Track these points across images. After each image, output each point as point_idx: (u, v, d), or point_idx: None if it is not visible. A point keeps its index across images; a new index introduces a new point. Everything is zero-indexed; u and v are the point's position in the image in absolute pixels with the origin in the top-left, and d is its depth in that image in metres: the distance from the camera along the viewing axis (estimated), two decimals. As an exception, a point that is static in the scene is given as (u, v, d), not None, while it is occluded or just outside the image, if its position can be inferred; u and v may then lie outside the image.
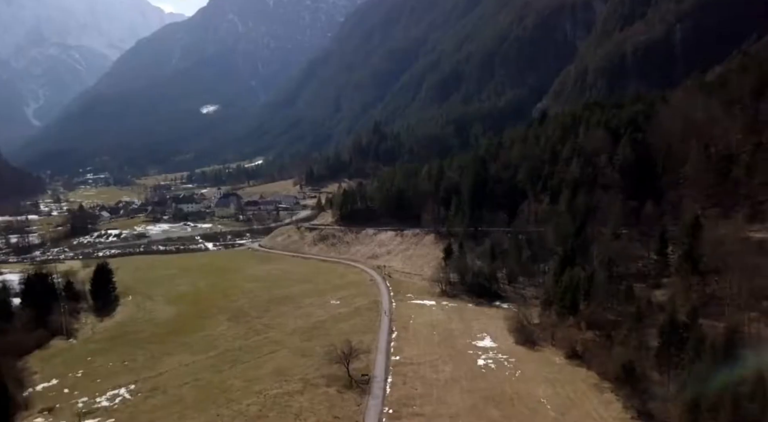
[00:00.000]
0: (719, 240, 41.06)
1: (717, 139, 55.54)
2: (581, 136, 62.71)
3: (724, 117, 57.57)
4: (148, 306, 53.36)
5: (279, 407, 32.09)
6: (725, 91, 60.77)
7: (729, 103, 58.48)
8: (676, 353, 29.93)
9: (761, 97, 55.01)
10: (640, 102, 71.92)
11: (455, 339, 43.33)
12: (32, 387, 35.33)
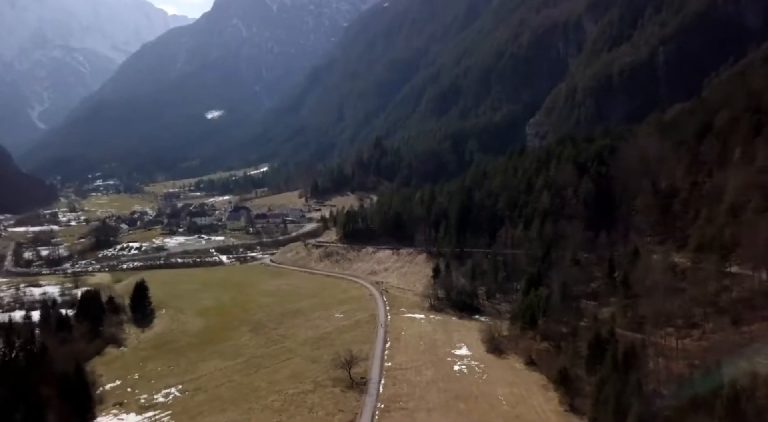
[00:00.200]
0: (650, 267, 50.45)
1: (664, 176, 64.88)
2: (552, 170, 72.17)
3: (672, 156, 66.89)
4: (181, 319, 62.91)
5: (296, 403, 41.58)
6: (676, 132, 70.06)
7: (677, 144, 67.76)
8: (599, 361, 39.30)
9: (702, 139, 64.28)
10: (608, 136, 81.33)
11: (438, 348, 52.82)
12: (102, 387, 44.82)
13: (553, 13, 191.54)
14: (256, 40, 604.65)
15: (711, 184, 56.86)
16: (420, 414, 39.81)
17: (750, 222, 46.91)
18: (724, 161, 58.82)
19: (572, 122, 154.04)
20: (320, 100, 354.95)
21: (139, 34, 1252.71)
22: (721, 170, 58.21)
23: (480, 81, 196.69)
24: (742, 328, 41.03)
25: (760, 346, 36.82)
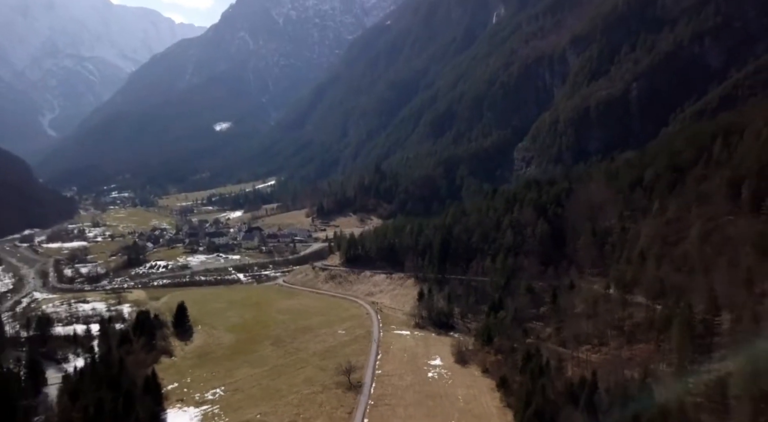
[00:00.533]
0: (578, 296, 65.69)
1: (604, 219, 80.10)
2: (516, 211, 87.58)
3: (611, 202, 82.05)
4: (215, 334, 78.36)
5: (309, 400, 56.86)
6: (617, 181, 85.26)
7: (616, 192, 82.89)
8: (526, 370, 54.49)
9: (634, 190, 79.45)
10: (567, 179, 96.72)
11: (417, 359, 68.11)
12: (165, 388, 60.19)
13: (540, 45, 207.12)
14: (262, 53, 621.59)
15: (633, 230, 72.16)
16: (399, 409, 55.09)
17: (649, 265, 62.25)
18: (647, 211, 74.10)
19: (555, 149, 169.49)
20: (325, 116, 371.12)
21: (147, 43, 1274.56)
22: (643, 218, 73.54)
23: (473, 107, 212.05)
24: (634, 346, 56.25)
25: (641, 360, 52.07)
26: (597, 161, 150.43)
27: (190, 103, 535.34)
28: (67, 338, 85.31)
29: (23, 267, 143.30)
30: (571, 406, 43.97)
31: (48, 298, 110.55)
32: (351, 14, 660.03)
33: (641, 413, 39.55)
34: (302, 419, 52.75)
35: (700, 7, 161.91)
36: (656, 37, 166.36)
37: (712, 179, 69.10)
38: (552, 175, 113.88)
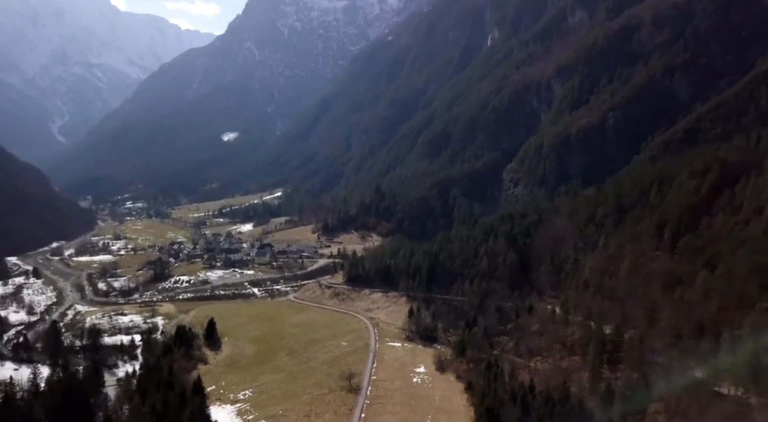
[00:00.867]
0: (535, 316, 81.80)
1: (562, 250, 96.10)
2: (491, 242, 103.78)
3: (570, 235, 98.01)
4: (239, 345, 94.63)
5: (319, 399, 72.99)
6: (576, 216, 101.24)
7: (575, 226, 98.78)
8: (487, 376, 70.50)
9: (588, 225, 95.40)
10: (538, 212, 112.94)
11: (405, 367, 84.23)
12: (205, 389, 76.42)
13: (529, 72, 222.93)
14: (268, 63, 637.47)
15: (583, 262, 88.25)
16: (388, 406, 71.29)
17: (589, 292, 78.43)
18: (595, 245, 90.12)
19: (539, 172, 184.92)
20: (329, 129, 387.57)
21: (153, 49, 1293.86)
22: (592, 251, 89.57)
23: (467, 128, 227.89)
24: (571, 358, 72.26)
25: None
26: (577, 183, 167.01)
27: (198, 113, 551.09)
28: (114, 347, 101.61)
29: (59, 281, 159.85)
30: (511, 404, 60.03)
31: (89, 311, 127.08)
32: (354, 25, 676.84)
33: (559, 409, 55.62)
34: (314, 414, 69.00)
35: (671, 44, 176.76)
36: (631, 70, 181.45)
37: (645, 221, 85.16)
38: (524, 210, 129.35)
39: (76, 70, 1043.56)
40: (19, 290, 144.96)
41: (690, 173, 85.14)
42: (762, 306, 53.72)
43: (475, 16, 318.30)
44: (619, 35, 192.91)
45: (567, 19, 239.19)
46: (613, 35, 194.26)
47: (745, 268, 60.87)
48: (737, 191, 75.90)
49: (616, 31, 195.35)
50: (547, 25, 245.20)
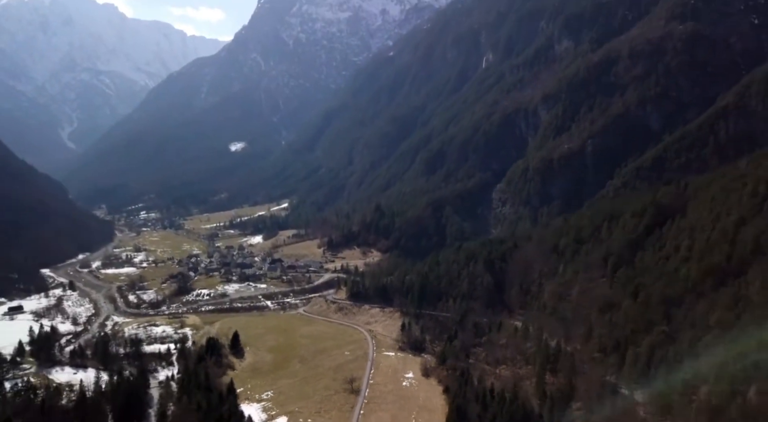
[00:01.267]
0: (502, 331, 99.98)
1: (531, 275, 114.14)
2: (471, 266, 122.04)
3: (538, 261, 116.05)
4: (259, 354, 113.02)
5: (327, 399, 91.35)
6: (544, 244, 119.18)
7: (542, 253, 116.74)
8: (460, 382, 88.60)
9: (551, 254, 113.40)
10: (513, 238, 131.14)
11: (397, 373, 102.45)
12: (236, 391, 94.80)
13: (518, 97, 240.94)
14: (273, 74, 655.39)
15: (545, 286, 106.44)
16: (382, 405, 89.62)
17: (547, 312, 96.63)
18: (556, 272, 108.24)
19: (525, 193, 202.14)
20: (333, 142, 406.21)
21: (160, 55, 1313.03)
22: (553, 277, 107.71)
23: (460, 149, 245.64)
24: (527, 367, 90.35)
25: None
26: (558, 204, 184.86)
27: (206, 123, 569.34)
28: (153, 355, 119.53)
29: (92, 292, 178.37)
30: (475, 403, 78.20)
31: (125, 322, 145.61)
32: (357, 36, 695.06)
33: (508, 407, 73.78)
34: (323, 411, 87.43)
35: (645, 77, 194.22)
36: (609, 101, 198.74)
37: (595, 252, 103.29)
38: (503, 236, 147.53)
39: (85, 76, 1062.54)
40: (60, 302, 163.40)
41: (632, 213, 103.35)
42: (659, 328, 71.81)
43: (472, 38, 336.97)
44: (599, 67, 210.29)
45: (554, 47, 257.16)
46: (594, 67, 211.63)
47: (657, 297, 79.00)
48: (664, 231, 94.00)
49: (596, 62, 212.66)
50: (537, 52, 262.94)
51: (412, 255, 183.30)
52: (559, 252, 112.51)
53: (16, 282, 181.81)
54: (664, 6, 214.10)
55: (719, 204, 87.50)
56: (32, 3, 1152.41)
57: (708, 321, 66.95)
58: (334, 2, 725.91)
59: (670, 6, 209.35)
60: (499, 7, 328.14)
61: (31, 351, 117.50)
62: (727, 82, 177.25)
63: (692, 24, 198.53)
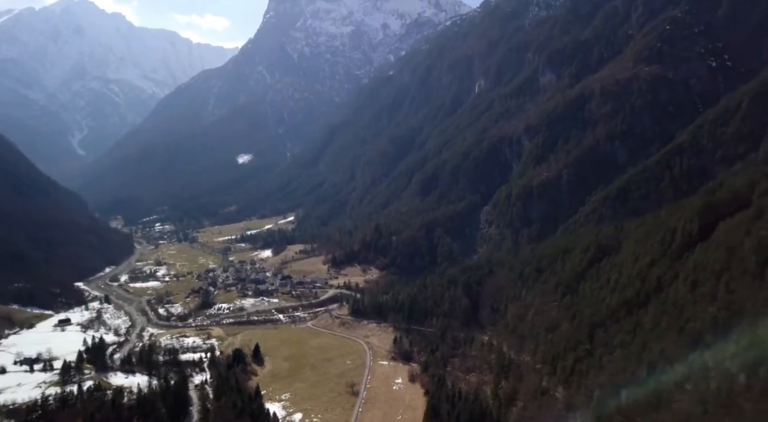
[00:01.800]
0: (474, 344, 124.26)
1: (500, 297, 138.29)
2: (452, 289, 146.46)
3: (507, 285, 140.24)
4: (276, 363, 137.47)
5: (332, 400, 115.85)
6: (513, 272, 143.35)
7: (511, 280, 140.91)
8: (436, 386, 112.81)
9: (517, 280, 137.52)
10: (489, 264, 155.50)
11: (389, 378, 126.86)
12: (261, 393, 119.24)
13: (504, 126, 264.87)
14: (278, 87, 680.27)
15: (510, 308, 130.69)
16: (376, 404, 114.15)
17: (509, 329, 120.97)
18: (519, 296, 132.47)
19: (508, 216, 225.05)
20: (336, 157, 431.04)
21: (167, 63, 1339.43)
22: (517, 301, 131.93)
23: (452, 173, 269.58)
24: (490, 374, 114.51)
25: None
26: (536, 228, 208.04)
27: (214, 135, 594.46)
28: (187, 362, 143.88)
29: (125, 305, 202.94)
30: (446, 403, 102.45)
31: (159, 333, 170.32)
32: (359, 50, 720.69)
33: (470, 406, 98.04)
34: (330, 408, 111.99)
35: (613, 114, 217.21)
36: (583, 134, 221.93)
37: (550, 281, 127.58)
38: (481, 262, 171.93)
39: (95, 85, 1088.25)
40: (100, 315, 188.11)
41: (580, 249, 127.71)
42: (583, 346, 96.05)
43: (466, 64, 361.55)
44: (575, 103, 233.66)
45: (539, 79, 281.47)
46: (571, 102, 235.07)
47: (586, 321, 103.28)
48: (602, 266, 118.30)
49: (573, 98, 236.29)
50: (523, 82, 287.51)
51: (407, 273, 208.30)
52: (523, 278, 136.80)
53: (58, 296, 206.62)
54: (633, 49, 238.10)
55: (640, 246, 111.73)
56: (43, 13, 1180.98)
57: (614, 342, 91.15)
58: (337, 16, 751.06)
59: (638, 49, 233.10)
60: (491, 36, 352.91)
61: (87, 358, 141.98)
62: (684, 121, 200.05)
63: (657, 67, 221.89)
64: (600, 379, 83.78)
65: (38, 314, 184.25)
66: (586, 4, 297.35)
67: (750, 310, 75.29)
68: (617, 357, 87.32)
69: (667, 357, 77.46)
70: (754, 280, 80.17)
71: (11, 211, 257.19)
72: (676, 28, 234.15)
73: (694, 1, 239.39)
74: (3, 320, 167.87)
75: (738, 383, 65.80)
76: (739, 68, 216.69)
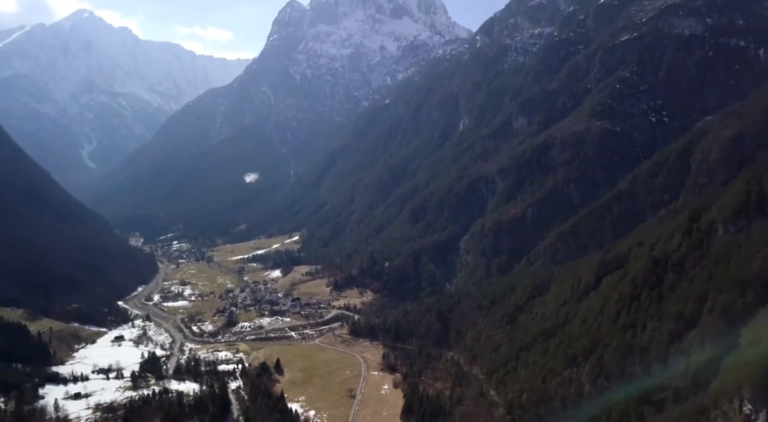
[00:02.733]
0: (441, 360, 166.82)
1: (465, 323, 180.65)
2: (428, 315, 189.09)
3: (470, 313, 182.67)
4: (293, 373, 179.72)
5: (336, 401, 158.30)
6: (474, 302, 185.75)
7: (473, 308, 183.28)
8: (412, 391, 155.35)
9: (477, 309, 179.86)
10: (457, 294, 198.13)
11: (378, 385, 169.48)
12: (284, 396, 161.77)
13: (482, 166, 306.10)
14: (281, 108, 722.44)
15: (470, 332, 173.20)
16: (368, 404, 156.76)
17: (467, 349, 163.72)
18: (476, 323, 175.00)
19: (482, 246, 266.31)
20: (337, 181, 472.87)
21: (171, 75, 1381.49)
22: (475, 326, 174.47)
23: (437, 205, 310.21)
24: (450, 382, 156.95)
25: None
26: (505, 257, 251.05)
27: (222, 155, 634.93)
28: (223, 372, 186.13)
29: (163, 323, 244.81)
30: (417, 403, 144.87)
31: (196, 348, 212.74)
32: (358, 72, 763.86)
33: (432, 406, 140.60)
34: (334, 407, 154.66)
35: (570, 161, 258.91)
36: (545, 178, 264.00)
37: (498, 312, 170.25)
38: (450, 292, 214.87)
39: (103, 98, 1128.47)
40: (145, 332, 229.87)
41: (521, 287, 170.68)
42: (511, 364, 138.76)
43: (453, 102, 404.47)
44: (539, 149, 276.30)
45: (512, 123, 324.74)
46: (536, 149, 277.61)
47: (517, 345, 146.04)
48: (534, 302, 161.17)
49: (538, 145, 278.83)
50: (500, 125, 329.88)
51: (397, 296, 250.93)
52: (480, 308, 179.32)
53: (107, 315, 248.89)
54: (589, 103, 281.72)
55: (560, 289, 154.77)
56: (53, 29, 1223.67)
57: (529, 361, 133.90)
58: (337, 39, 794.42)
59: (592, 105, 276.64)
60: (475, 77, 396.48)
61: (147, 368, 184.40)
62: (627, 169, 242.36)
63: (607, 121, 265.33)
64: (515, 387, 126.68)
65: (96, 331, 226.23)
66: (554, 57, 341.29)
67: (605, 342, 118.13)
68: (527, 373, 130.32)
69: (554, 373, 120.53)
70: (613, 322, 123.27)
71: (59, 239, 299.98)
72: (624, 86, 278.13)
73: (640, 64, 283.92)
74: (72, 337, 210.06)
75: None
76: (674, 124, 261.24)
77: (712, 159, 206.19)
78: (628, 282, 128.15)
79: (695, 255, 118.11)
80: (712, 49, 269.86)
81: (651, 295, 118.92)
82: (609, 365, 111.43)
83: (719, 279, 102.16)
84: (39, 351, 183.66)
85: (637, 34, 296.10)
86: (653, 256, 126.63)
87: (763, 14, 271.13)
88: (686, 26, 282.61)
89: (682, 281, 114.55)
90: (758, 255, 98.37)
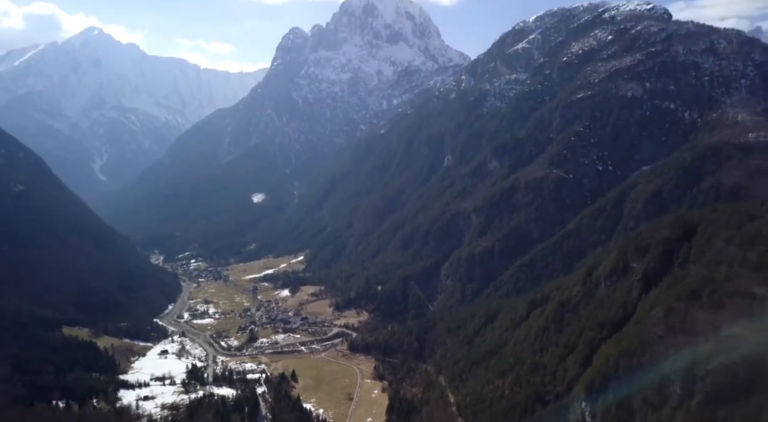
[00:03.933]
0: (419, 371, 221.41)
1: (441, 340, 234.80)
2: (409, 335, 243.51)
3: (445, 334, 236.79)
4: (306, 381, 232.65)
5: (339, 402, 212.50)
6: (444, 325, 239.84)
7: (443, 331, 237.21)
8: (395, 395, 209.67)
9: (447, 332, 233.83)
10: (434, 316, 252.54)
11: (371, 390, 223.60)
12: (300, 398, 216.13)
13: (461, 204, 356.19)
14: (285, 130, 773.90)
15: (441, 350, 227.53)
16: (363, 404, 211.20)
17: (440, 362, 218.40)
18: (445, 343, 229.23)
19: (459, 274, 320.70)
20: (337, 205, 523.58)
21: (177, 89, 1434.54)
22: (446, 344, 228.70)
23: (424, 235, 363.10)
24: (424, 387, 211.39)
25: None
26: (477, 284, 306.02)
27: (231, 176, 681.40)
28: (250, 380, 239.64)
29: (195, 338, 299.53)
30: (398, 403, 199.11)
31: (226, 360, 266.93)
32: (356, 96, 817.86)
33: (409, 407, 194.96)
34: (337, 406, 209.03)
35: (531, 204, 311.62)
36: (510, 217, 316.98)
37: (460, 335, 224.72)
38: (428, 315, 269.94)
39: (113, 114, 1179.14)
40: (183, 346, 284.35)
41: (478, 316, 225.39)
42: (465, 374, 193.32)
43: (439, 139, 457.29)
44: (506, 193, 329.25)
45: (487, 165, 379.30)
46: (504, 192, 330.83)
47: (468, 360, 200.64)
48: (487, 329, 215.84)
49: (506, 189, 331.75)
50: (477, 166, 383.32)
51: (388, 316, 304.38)
52: (449, 330, 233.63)
53: (150, 331, 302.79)
54: (549, 153, 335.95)
55: (505, 318, 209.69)
56: (65, 47, 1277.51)
57: (476, 373, 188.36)
58: (337, 64, 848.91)
59: (550, 155, 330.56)
60: (459, 118, 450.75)
61: (191, 376, 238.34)
62: (576, 211, 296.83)
63: (562, 170, 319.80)
64: (464, 392, 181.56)
65: (144, 346, 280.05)
66: (525, 106, 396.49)
67: (522, 360, 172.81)
68: (473, 381, 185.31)
69: (488, 382, 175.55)
70: (531, 346, 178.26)
71: (100, 264, 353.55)
72: (578, 139, 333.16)
73: (592, 119, 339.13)
74: (128, 351, 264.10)
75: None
76: (617, 172, 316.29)
77: (638, 208, 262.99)
78: (543, 317, 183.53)
79: (585, 301, 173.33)
80: (648, 110, 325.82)
81: (555, 327, 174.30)
82: (523, 377, 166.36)
83: (590, 319, 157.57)
84: (108, 363, 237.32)
85: (590, 92, 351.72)
86: (560, 299, 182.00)
87: (689, 82, 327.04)
88: (629, 88, 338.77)
89: (573, 319, 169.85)
90: (613, 304, 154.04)
